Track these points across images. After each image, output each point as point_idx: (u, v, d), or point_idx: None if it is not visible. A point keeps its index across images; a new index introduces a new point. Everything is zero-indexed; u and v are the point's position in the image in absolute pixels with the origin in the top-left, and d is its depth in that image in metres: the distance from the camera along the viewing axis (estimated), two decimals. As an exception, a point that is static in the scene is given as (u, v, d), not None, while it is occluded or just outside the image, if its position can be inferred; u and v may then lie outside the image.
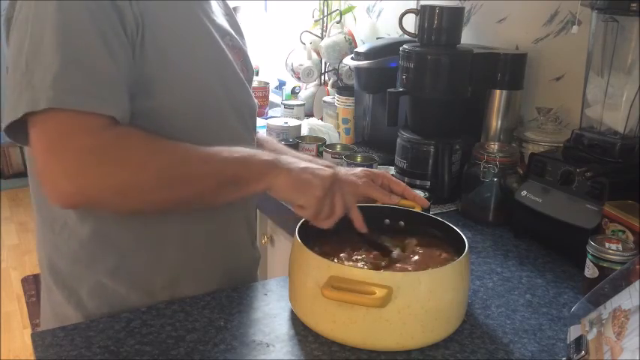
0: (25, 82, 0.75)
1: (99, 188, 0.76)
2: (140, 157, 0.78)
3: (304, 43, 2.26)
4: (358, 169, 1.07)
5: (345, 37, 2.11)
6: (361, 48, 1.72)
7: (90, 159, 0.75)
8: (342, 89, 1.93)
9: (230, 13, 1.05)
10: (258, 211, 1.59)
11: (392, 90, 1.42)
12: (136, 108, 0.82)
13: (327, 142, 1.69)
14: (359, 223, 0.91)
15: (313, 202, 0.85)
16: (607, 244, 0.95)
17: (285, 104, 2.08)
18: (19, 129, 0.78)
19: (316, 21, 2.30)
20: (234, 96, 0.95)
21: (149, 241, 0.91)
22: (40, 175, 0.77)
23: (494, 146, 1.33)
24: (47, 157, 0.75)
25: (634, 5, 1.06)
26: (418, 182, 1.41)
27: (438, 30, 1.38)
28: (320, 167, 0.89)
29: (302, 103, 2.09)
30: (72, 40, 0.76)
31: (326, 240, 0.92)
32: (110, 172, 0.76)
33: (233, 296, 0.93)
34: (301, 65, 2.22)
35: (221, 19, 0.98)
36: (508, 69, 1.46)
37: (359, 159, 1.51)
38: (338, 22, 2.19)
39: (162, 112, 0.85)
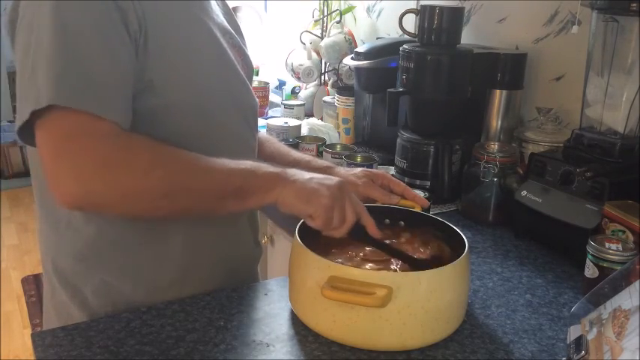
0: (31, 83, 0.76)
1: (104, 193, 0.77)
2: (146, 165, 0.78)
3: (304, 43, 2.26)
4: (358, 169, 1.07)
5: (345, 37, 2.11)
6: (361, 48, 1.72)
7: (96, 164, 0.75)
8: (342, 89, 1.93)
9: (229, 12, 1.05)
10: (258, 211, 1.59)
11: (392, 90, 1.42)
12: (140, 107, 0.82)
13: (327, 142, 1.69)
14: (372, 229, 0.90)
15: (322, 212, 0.84)
16: (607, 244, 0.95)
17: (285, 104, 2.08)
18: (30, 131, 0.78)
19: (316, 21, 2.30)
20: (235, 94, 0.96)
21: (154, 239, 0.91)
22: (47, 176, 0.77)
23: (494, 146, 1.33)
24: (54, 159, 0.76)
25: (634, 5, 1.06)
26: (418, 182, 1.41)
27: (438, 30, 1.38)
28: (326, 177, 0.88)
29: (302, 103, 2.09)
30: (71, 41, 0.76)
31: (326, 239, 0.92)
32: (116, 178, 0.76)
33: (233, 296, 0.93)
34: (301, 65, 2.22)
35: (221, 18, 0.98)
36: (508, 69, 1.46)
37: (359, 159, 1.51)
38: (338, 22, 2.19)
39: (165, 111, 0.85)
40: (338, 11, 2.21)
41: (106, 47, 0.78)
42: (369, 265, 0.89)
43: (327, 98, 2.04)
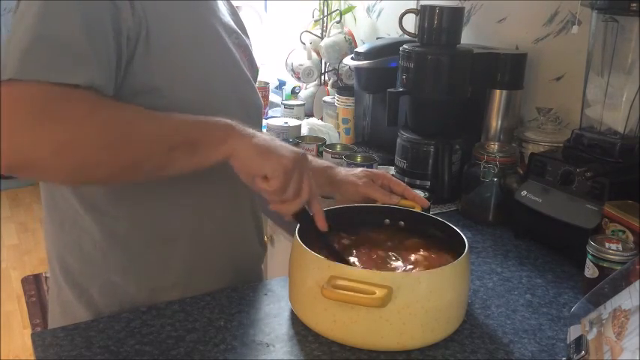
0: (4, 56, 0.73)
1: (34, 145, 0.70)
2: (80, 113, 0.72)
3: (304, 43, 2.26)
4: (358, 170, 1.07)
5: (345, 37, 2.11)
6: (361, 48, 1.72)
7: (29, 116, 0.70)
8: (342, 89, 1.93)
9: (235, 12, 1.05)
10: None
11: (392, 90, 1.42)
12: (145, 107, 0.82)
13: (327, 142, 1.69)
14: (320, 219, 0.84)
15: (281, 173, 0.77)
16: (607, 244, 0.95)
17: (285, 104, 2.08)
18: None
19: (316, 21, 2.30)
20: (241, 94, 0.96)
21: (159, 239, 0.91)
22: None
23: (494, 146, 1.33)
24: None
25: (634, 5, 1.06)
26: (418, 182, 1.41)
27: (438, 30, 1.38)
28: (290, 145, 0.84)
29: (302, 103, 2.09)
30: (50, 21, 0.74)
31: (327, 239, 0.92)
32: (45, 128, 0.70)
33: (233, 296, 0.93)
34: (301, 65, 2.22)
35: (227, 18, 0.98)
36: (508, 69, 1.46)
37: (359, 159, 1.51)
38: (338, 22, 2.19)
39: (171, 111, 0.85)
40: (338, 11, 2.21)
41: (84, 31, 0.74)
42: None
43: (327, 98, 2.04)
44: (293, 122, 1.80)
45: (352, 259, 0.90)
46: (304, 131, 1.80)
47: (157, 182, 0.87)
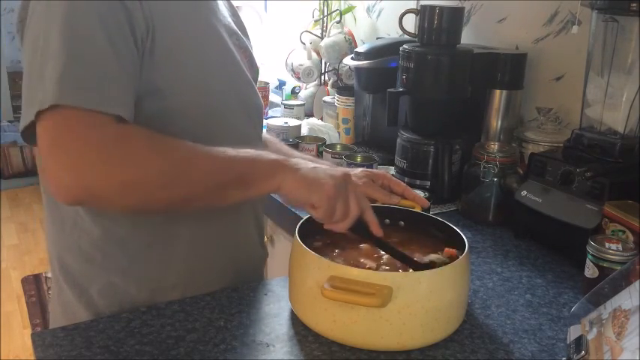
0: (37, 83, 0.75)
1: (102, 184, 0.74)
2: (144, 154, 0.77)
3: (304, 43, 2.26)
4: (358, 170, 1.07)
5: (345, 37, 2.11)
6: (361, 48, 1.72)
7: (94, 154, 0.73)
8: (342, 89, 1.93)
9: (235, 14, 1.05)
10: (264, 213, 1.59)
11: (392, 90, 1.42)
12: (147, 109, 0.82)
13: (327, 142, 1.69)
14: (375, 227, 0.88)
15: (325, 201, 0.82)
16: (607, 244, 0.95)
17: (285, 104, 2.08)
18: (34, 131, 0.77)
19: (316, 21, 2.30)
20: (241, 95, 0.96)
21: (160, 241, 0.91)
22: (45, 170, 0.76)
23: (494, 146, 1.33)
24: (51, 151, 0.74)
25: (634, 5, 1.06)
26: (418, 182, 1.41)
27: (438, 30, 1.38)
28: (331, 167, 0.87)
29: (302, 103, 2.09)
30: (77, 39, 0.75)
31: (327, 239, 0.92)
32: (114, 168, 0.74)
33: (233, 296, 0.93)
34: (301, 65, 2.22)
35: (228, 20, 0.98)
36: (508, 69, 1.46)
37: (359, 159, 1.51)
38: (338, 22, 2.19)
39: (173, 112, 0.85)
40: (338, 11, 2.21)
41: (110, 46, 0.77)
42: (369, 265, 0.89)
43: (327, 98, 2.04)
44: (293, 122, 1.80)
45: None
46: (304, 131, 1.80)
47: None
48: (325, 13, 2.26)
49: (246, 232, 1.02)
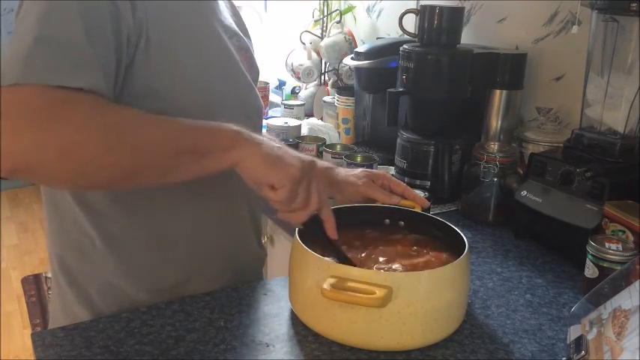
0: (5, 62, 0.73)
1: (37, 147, 0.69)
2: (83, 116, 0.71)
3: (304, 43, 2.26)
4: (358, 170, 1.07)
5: (345, 37, 2.11)
6: (361, 48, 1.72)
7: (33, 119, 0.69)
8: (342, 89, 1.93)
9: (237, 14, 1.05)
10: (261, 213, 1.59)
11: (392, 90, 1.42)
12: (146, 111, 0.82)
13: (327, 142, 1.69)
14: (331, 227, 0.84)
15: (289, 182, 0.76)
16: (607, 244, 0.95)
17: (285, 104, 2.08)
18: None
19: (316, 21, 2.30)
20: (241, 97, 0.95)
21: (158, 241, 0.91)
22: None
23: (494, 146, 1.33)
24: None
25: (634, 5, 1.06)
26: (418, 182, 1.41)
27: (438, 30, 1.38)
28: (298, 153, 0.83)
29: (302, 103, 2.09)
30: (51, 24, 0.73)
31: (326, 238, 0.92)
32: (50, 130, 0.69)
33: (233, 296, 0.93)
34: (301, 65, 2.22)
35: (229, 20, 0.98)
36: (508, 69, 1.46)
37: (359, 159, 1.51)
38: (338, 22, 2.19)
39: (171, 114, 0.84)
40: (338, 11, 2.21)
41: (84, 35, 0.74)
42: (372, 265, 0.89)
43: (327, 98, 2.04)
44: (293, 122, 1.80)
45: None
46: (304, 131, 1.80)
47: (154, 189, 0.87)
48: (325, 13, 2.26)
49: (243, 232, 1.02)
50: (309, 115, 2.13)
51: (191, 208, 0.92)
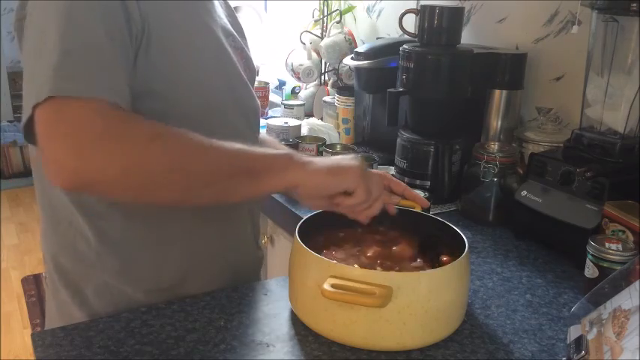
0: (34, 78, 0.74)
1: (103, 167, 0.71)
2: (146, 136, 0.74)
3: (304, 43, 2.26)
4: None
5: (345, 37, 2.11)
6: (361, 48, 1.72)
7: (94, 136, 0.71)
8: (342, 89, 1.93)
9: (232, 15, 1.05)
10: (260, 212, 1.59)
11: (392, 90, 1.42)
12: (143, 110, 0.82)
13: (327, 142, 1.68)
14: (391, 208, 0.89)
15: (361, 182, 0.79)
16: (607, 244, 0.95)
17: (285, 104, 2.08)
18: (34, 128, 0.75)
19: (316, 21, 2.30)
20: (238, 97, 0.95)
21: (155, 241, 0.91)
22: (44, 157, 0.73)
23: (494, 146, 1.33)
24: (49, 135, 0.71)
25: (634, 5, 1.06)
26: (418, 182, 1.41)
27: (438, 30, 1.38)
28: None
29: (302, 103, 2.09)
30: (75, 32, 0.74)
31: (326, 238, 0.92)
32: (115, 150, 0.72)
33: (233, 296, 0.93)
34: (301, 65, 2.22)
35: (224, 21, 0.98)
36: (508, 69, 1.46)
37: (359, 159, 1.51)
38: (338, 22, 2.19)
39: (169, 114, 0.84)
40: (338, 11, 2.21)
41: (108, 40, 0.76)
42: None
43: (327, 98, 2.04)
44: (293, 122, 1.80)
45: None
46: (304, 131, 1.79)
47: None
48: (325, 13, 2.26)
49: (241, 233, 1.02)
50: (309, 115, 2.13)
51: (189, 208, 0.92)
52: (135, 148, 0.73)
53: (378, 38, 2.01)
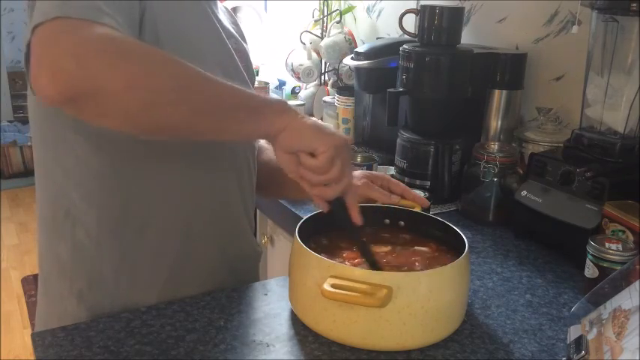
0: (40, 8, 0.71)
1: (109, 73, 0.68)
2: (155, 54, 0.73)
3: (304, 43, 2.26)
4: (357, 172, 1.07)
5: (345, 37, 2.11)
6: (361, 48, 1.72)
7: (101, 47, 0.68)
8: (342, 89, 1.93)
9: (235, 22, 1.07)
10: (257, 211, 1.59)
11: (392, 90, 1.42)
12: None
13: (327, 142, 1.68)
14: (355, 212, 0.85)
15: (331, 149, 0.78)
16: (607, 244, 0.95)
17: (285, 104, 2.08)
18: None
19: (316, 21, 2.30)
20: None
21: (152, 233, 0.91)
22: (36, 66, 0.68)
23: (494, 146, 1.33)
24: (52, 43, 0.68)
25: (634, 5, 1.06)
26: (418, 182, 1.41)
27: (438, 30, 1.38)
28: None
29: (302, 103, 2.09)
30: None
31: (326, 238, 0.92)
32: (120, 64, 0.68)
33: (233, 296, 0.93)
34: (301, 65, 2.22)
35: (226, 23, 0.99)
36: (508, 69, 1.46)
37: (359, 159, 1.51)
38: (338, 22, 2.19)
39: None
40: (338, 11, 2.21)
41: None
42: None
43: (327, 98, 2.04)
44: (293, 122, 1.80)
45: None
46: (304, 131, 1.79)
47: (150, 175, 0.89)
48: (325, 13, 2.26)
49: (237, 227, 1.02)
50: (309, 115, 2.13)
51: (185, 203, 0.93)
52: (141, 65, 0.70)
53: (378, 38, 2.01)
